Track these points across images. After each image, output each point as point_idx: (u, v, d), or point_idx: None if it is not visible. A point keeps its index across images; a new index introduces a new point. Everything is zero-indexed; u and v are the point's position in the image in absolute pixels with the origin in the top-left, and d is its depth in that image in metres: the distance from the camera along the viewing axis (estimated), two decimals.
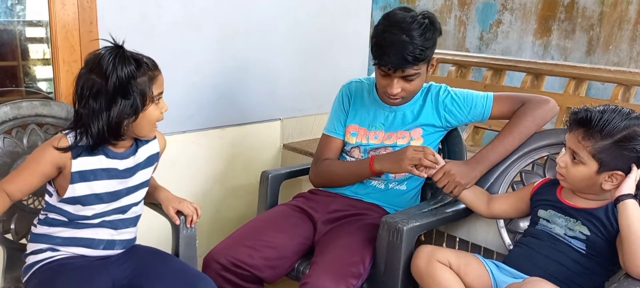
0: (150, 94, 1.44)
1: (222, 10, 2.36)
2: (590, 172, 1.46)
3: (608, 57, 4.44)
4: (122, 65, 1.38)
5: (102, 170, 1.49)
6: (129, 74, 1.38)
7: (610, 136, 1.42)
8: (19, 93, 2.31)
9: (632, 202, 1.39)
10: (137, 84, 1.41)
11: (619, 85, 2.57)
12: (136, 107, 1.41)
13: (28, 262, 1.52)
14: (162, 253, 1.63)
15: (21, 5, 2.27)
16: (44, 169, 1.44)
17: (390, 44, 1.69)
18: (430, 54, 1.76)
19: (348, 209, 1.91)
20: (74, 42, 2.00)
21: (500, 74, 2.99)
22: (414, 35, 1.68)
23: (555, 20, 4.73)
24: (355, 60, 2.95)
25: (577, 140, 1.47)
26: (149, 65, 1.44)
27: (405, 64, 1.70)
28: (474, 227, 1.93)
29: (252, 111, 2.58)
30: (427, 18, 1.73)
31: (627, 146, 1.41)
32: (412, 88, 1.80)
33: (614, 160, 1.43)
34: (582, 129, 1.46)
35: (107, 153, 1.50)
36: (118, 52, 1.39)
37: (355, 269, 1.67)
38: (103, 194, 1.50)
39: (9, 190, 1.45)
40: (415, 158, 1.73)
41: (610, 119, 1.42)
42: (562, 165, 1.51)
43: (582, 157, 1.46)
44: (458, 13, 5.37)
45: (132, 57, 1.41)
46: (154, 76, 1.45)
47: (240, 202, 2.61)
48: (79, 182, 1.46)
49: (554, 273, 1.49)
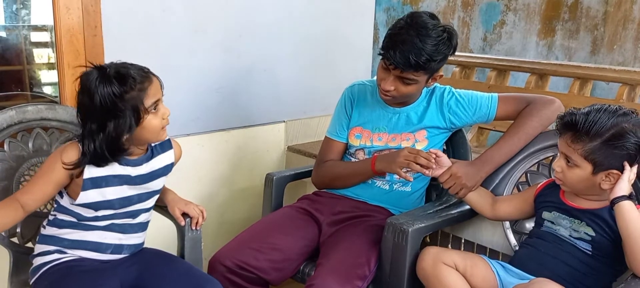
0: (142, 107, 1.41)
1: (227, 13, 2.36)
2: (586, 173, 1.45)
3: (612, 56, 4.43)
4: (103, 86, 1.36)
5: (113, 176, 1.49)
6: (112, 93, 1.37)
7: (598, 136, 1.41)
8: (24, 97, 2.32)
9: (627, 203, 1.39)
10: (125, 100, 1.39)
11: (624, 85, 2.57)
12: (130, 123, 1.40)
13: (36, 263, 1.52)
14: (168, 256, 1.63)
15: (26, 10, 2.28)
16: (57, 177, 1.45)
17: (401, 42, 1.68)
18: (436, 67, 1.75)
19: (353, 211, 1.90)
20: (78, 46, 2.00)
21: (504, 75, 2.98)
22: (426, 43, 1.67)
23: (559, 21, 4.72)
24: (359, 63, 2.95)
25: (567, 144, 1.47)
26: (135, 80, 1.40)
27: (407, 66, 1.69)
28: (479, 228, 1.93)
29: (257, 114, 2.58)
30: (447, 32, 1.72)
31: (617, 144, 1.40)
32: (406, 91, 1.79)
33: (607, 159, 1.42)
34: (570, 133, 1.46)
35: (120, 160, 1.50)
36: (99, 73, 1.38)
37: (360, 271, 1.67)
38: (114, 200, 1.51)
39: (23, 200, 1.46)
40: (405, 163, 1.73)
41: (596, 119, 1.41)
42: (558, 169, 1.52)
43: (575, 160, 1.45)
44: (461, 14, 5.37)
45: (116, 76, 1.38)
46: (144, 88, 1.42)
47: (245, 204, 2.61)
48: (90, 188, 1.47)
49: (560, 273, 1.48)
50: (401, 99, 1.86)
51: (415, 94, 1.86)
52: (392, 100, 1.86)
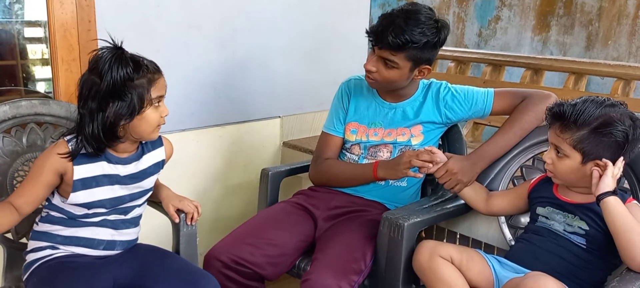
0: (148, 97, 1.43)
1: (222, 8, 2.35)
2: (576, 163, 1.47)
3: (607, 51, 4.45)
4: (118, 66, 1.37)
5: (103, 176, 1.49)
6: (125, 75, 1.38)
7: (586, 125, 1.44)
8: (18, 92, 2.31)
9: (612, 199, 1.40)
10: (134, 86, 1.40)
11: (618, 80, 2.58)
12: (133, 109, 1.41)
13: (28, 259, 1.52)
14: (163, 252, 1.62)
15: (19, 5, 2.27)
16: (46, 178, 1.45)
17: (387, 21, 1.72)
18: (419, 55, 1.75)
19: (349, 206, 1.90)
20: (72, 41, 1.99)
21: (499, 70, 2.99)
22: (410, 25, 1.69)
23: (554, 16, 4.73)
24: (355, 58, 2.94)
25: (557, 134, 1.49)
26: (149, 68, 1.43)
27: (386, 44, 1.71)
28: (474, 223, 1.93)
29: (252, 109, 2.58)
30: (438, 24, 1.75)
31: (604, 132, 1.43)
32: (387, 76, 1.79)
33: (595, 148, 1.44)
34: (558, 123, 1.49)
35: (110, 158, 1.49)
36: (116, 53, 1.39)
37: (356, 265, 1.67)
38: (105, 200, 1.50)
39: (17, 203, 1.45)
40: (410, 162, 1.74)
41: (584, 109, 1.45)
42: (548, 161, 1.54)
43: (565, 150, 1.48)
44: (456, 9, 5.38)
45: (132, 59, 1.41)
46: (154, 79, 1.44)
47: (241, 199, 2.61)
48: (81, 189, 1.46)
49: (556, 267, 1.49)
50: (385, 86, 1.86)
51: (398, 83, 1.84)
52: (376, 85, 1.86)
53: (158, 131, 1.52)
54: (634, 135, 1.44)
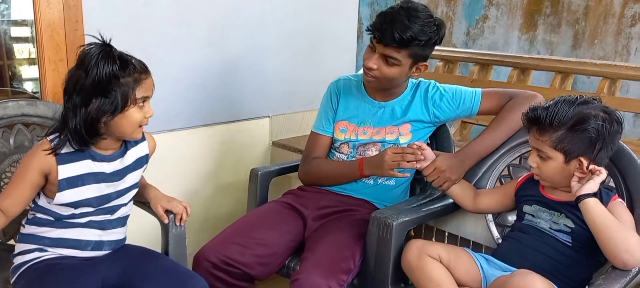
0: (133, 96, 1.42)
1: (210, 7, 2.35)
2: (559, 163, 1.50)
3: (594, 51, 4.48)
4: (105, 62, 1.37)
5: (89, 174, 1.48)
6: (111, 72, 1.37)
7: (562, 125, 1.47)
8: (5, 93, 2.29)
9: (591, 200, 1.43)
10: (119, 83, 1.39)
11: (604, 79, 2.60)
12: (115, 107, 1.40)
13: (16, 262, 1.50)
14: (152, 252, 1.62)
15: (5, 4, 2.25)
16: (31, 178, 1.44)
17: (389, 17, 1.73)
18: (420, 52, 1.77)
19: (338, 205, 1.91)
20: (59, 41, 1.98)
21: (487, 69, 3.01)
22: (413, 22, 1.71)
23: (541, 15, 4.76)
24: (344, 57, 2.95)
25: (536, 138, 1.53)
26: (136, 67, 1.43)
27: (392, 40, 1.72)
28: (462, 221, 1.94)
29: (241, 108, 2.57)
30: (437, 23, 1.77)
31: (581, 128, 1.46)
32: (388, 73, 1.80)
33: (575, 145, 1.47)
34: (535, 127, 1.53)
35: (94, 156, 1.49)
36: (104, 49, 1.39)
37: (345, 265, 1.67)
38: (92, 199, 1.50)
39: (3, 205, 1.45)
40: (394, 163, 1.74)
41: (557, 110, 1.48)
42: (533, 165, 1.56)
43: (546, 152, 1.51)
44: (444, 9, 5.40)
45: (120, 57, 1.40)
46: (140, 79, 1.43)
47: (230, 199, 2.61)
48: (66, 189, 1.45)
49: (542, 265, 1.50)
50: (384, 83, 1.86)
51: (397, 80, 1.86)
52: (375, 83, 1.86)
53: (140, 131, 1.52)
54: (610, 127, 1.47)
